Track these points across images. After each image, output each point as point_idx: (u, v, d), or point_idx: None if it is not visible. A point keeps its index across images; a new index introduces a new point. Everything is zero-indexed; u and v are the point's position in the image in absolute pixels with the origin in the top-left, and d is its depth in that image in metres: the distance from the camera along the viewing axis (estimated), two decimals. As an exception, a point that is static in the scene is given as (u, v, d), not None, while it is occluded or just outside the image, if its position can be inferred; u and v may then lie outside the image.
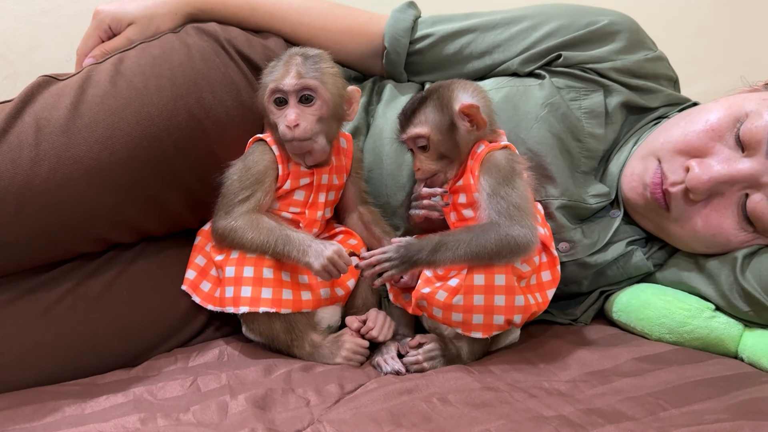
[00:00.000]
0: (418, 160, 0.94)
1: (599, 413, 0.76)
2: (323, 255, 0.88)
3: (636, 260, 1.06)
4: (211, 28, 1.07)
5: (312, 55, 0.94)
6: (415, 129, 0.93)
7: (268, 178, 0.95)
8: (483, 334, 0.89)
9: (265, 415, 0.76)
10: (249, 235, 0.91)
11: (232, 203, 0.93)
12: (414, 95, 0.98)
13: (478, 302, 0.87)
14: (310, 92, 0.92)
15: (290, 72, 0.92)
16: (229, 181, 0.95)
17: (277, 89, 0.93)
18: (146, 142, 0.94)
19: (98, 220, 0.93)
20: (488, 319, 0.88)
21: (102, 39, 1.10)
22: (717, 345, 0.96)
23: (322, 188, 0.98)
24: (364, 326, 0.94)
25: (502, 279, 0.87)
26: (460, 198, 0.93)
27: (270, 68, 0.96)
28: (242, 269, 0.92)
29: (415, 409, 0.77)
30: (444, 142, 0.92)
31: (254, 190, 0.94)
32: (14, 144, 0.88)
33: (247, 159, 0.96)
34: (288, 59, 0.94)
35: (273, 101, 0.93)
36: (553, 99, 1.06)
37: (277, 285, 0.92)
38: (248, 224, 0.92)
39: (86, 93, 0.94)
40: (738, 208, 0.97)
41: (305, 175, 0.96)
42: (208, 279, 0.99)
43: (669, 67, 1.16)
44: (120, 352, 0.94)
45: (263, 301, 0.91)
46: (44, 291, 0.91)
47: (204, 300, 0.98)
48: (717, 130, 0.98)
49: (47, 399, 0.83)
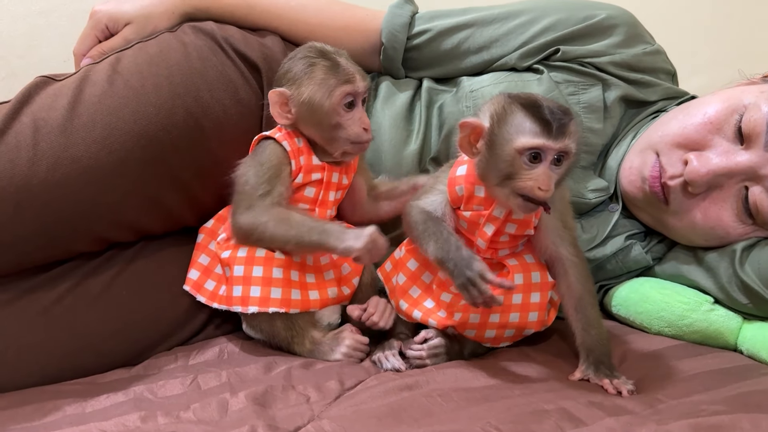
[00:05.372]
0: (549, 176, 0.80)
1: (599, 407, 0.76)
2: (364, 234, 0.86)
3: (635, 254, 1.06)
4: (208, 27, 1.07)
5: (346, 54, 0.97)
6: (569, 141, 0.80)
7: (284, 172, 0.94)
8: (509, 343, 0.93)
9: (265, 412, 0.76)
10: (280, 229, 0.90)
11: (253, 198, 0.92)
12: (549, 102, 0.82)
13: (513, 319, 0.89)
14: (367, 94, 0.96)
15: (357, 74, 0.93)
16: (244, 178, 0.94)
17: (352, 92, 0.93)
18: (144, 141, 0.94)
19: (97, 219, 0.93)
20: (518, 333, 0.93)
21: (99, 39, 1.10)
22: (716, 338, 0.96)
23: (332, 186, 0.98)
24: (365, 313, 0.94)
25: (537, 297, 0.89)
26: (509, 227, 0.87)
27: (321, 68, 0.93)
28: (251, 269, 0.91)
29: (416, 404, 0.77)
30: (571, 168, 0.85)
31: (273, 184, 0.92)
32: (12, 144, 0.88)
33: (258, 156, 0.95)
34: (338, 58, 0.94)
35: (344, 104, 0.93)
36: (551, 94, 1.06)
37: (286, 285, 0.92)
38: (277, 218, 0.90)
39: (83, 93, 0.94)
40: (737, 200, 0.97)
41: (317, 170, 0.96)
42: (212, 277, 0.99)
43: (667, 61, 1.15)
44: (120, 351, 0.94)
45: (272, 301, 0.91)
46: (44, 290, 0.92)
47: (209, 299, 0.98)
48: (715, 123, 0.98)
49: (48, 398, 0.83)
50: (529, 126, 0.79)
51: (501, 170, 0.81)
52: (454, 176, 0.88)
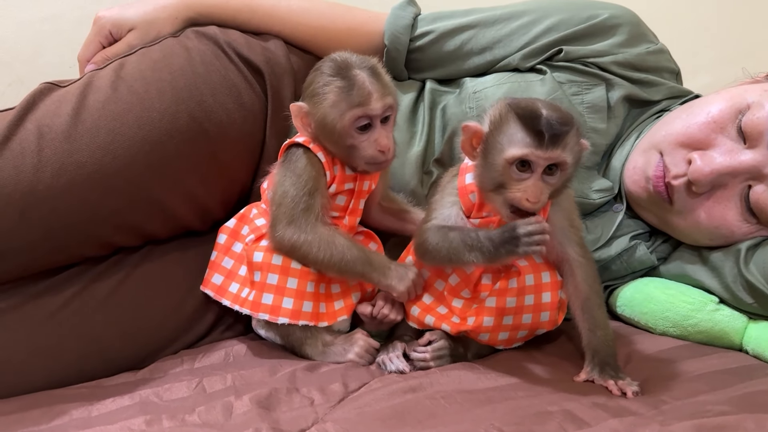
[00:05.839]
0: (539, 188, 0.79)
1: (603, 408, 0.76)
2: (408, 277, 0.90)
3: (640, 254, 1.06)
4: (211, 32, 1.08)
5: (371, 66, 0.90)
6: (564, 154, 0.79)
7: (322, 183, 0.92)
8: (521, 343, 0.94)
9: (270, 415, 0.77)
10: (324, 254, 0.89)
11: (295, 211, 0.90)
12: (551, 112, 0.79)
13: (526, 320, 0.90)
14: (390, 111, 0.91)
15: (374, 94, 0.88)
16: (282, 189, 0.91)
17: (365, 115, 0.88)
18: (148, 147, 0.94)
19: (102, 223, 0.94)
20: (531, 333, 0.93)
21: (103, 45, 1.11)
22: (721, 338, 0.96)
23: (363, 194, 0.97)
24: (375, 307, 0.94)
25: (548, 296, 0.89)
26: None
27: (334, 89, 0.88)
28: (286, 279, 0.91)
29: (420, 406, 0.77)
30: (569, 178, 0.84)
31: (314, 196, 0.90)
32: (17, 151, 0.88)
33: (294, 166, 0.92)
34: (356, 75, 0.88)
35: (357, 127, 0.89)
36: (554, 94, 1.06)
37: (316, 299, 0.92)
38: (322, 240, 0.89)
39: (87, 99, 0.94)
40: (741, 199, 0.97)
41: (349, 180, 0.95)
42: (236, 280, 0.97)
43: (671, 60, 1.15)
44: (126, 354, 0.95)
45: (303, 315, 0.91)
46: (50, 295, 0.92)
47: (233, 302, 0.96)
48: (719, 122, 0.98)
49: (55, 402, 0.83)
50: (521, 136, 0.79)
51: (494, 179, 0.81)
52: (464, 185, 0.88)
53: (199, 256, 1.02)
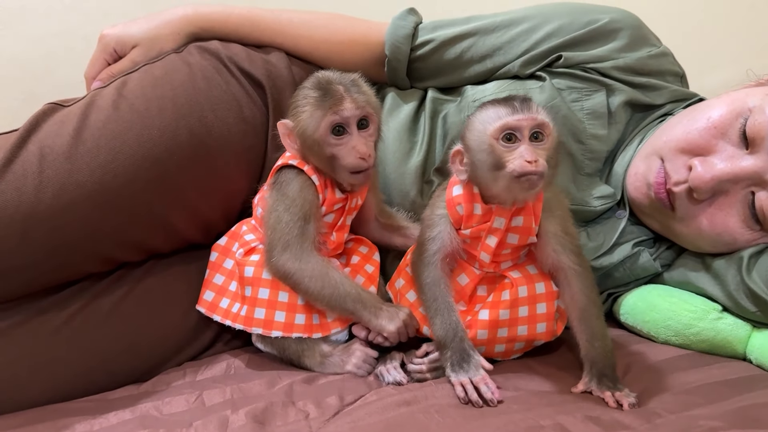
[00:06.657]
0: (531, 150, 0.80)
1: (596, 422, 0.75)
2: (398, 318, 0.90)
3: (643, 261, 1.05)
4: (213, 47, 1.09)
5: (351, 79, 0.92)
6: (540, 115, 0.81)
7: (315, 207, 0.92)
8: (519, 354, 0.95)
9: (264, 429, 0.78)
10: (315, 285, 0.90)
11: (290, 237, 0.90)
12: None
13: (521, 332, 0.90)
14: (367, 117, 0.91)
15: (346, 99, 0.89)
16: (275, 215, 0.91)
17: (338, 118, 0.89)
18: (148, 164, 0.95)
19: (104, 240, 0.95)
20: (528, 345, 0.94)
21: (108, 62, 1.13)
22: (724, 347, 0.94)
23: (351, 211, 0.98)
24: (371, 333, 0.94)
25: (543, 307, 0.89)
26: (511, 238, 0.87)
27: (311, 100, 0.90)
28: (277, 293, 0.93)
29: (413, 420, 0.78)
30: (558, 150, 0.85)
31: (308, 222, 0.91)
32: (19, 173, 0.90)
33: (287, 188, 0.92)
34: (333, 87, 0.90)
35: (332, 131, 0.89)
36: (553, 102, 1.05)
37: (308, 311, 0.93)
38: (315, 272, 0.90)
39: (89, 118, 0.96)
40: (743, 206, 0.95)
41: (339, 201, 0.95)
42: (226, 295, 0.99)
43: (674, 63, 1.14)
44: (130, 368, 0.96)
45: (296, 327, 0.93)
46: (55, 311, 0.94)
47: (224, 317, 0.98)
48: (719, 127, 0.96)
49: (59, 416, 0.85)
50: (493, 111, 0.82)
51: (487, 163, 0.81)
52: (451, 197, 0.88)
53: (202, 269, 1.03)
